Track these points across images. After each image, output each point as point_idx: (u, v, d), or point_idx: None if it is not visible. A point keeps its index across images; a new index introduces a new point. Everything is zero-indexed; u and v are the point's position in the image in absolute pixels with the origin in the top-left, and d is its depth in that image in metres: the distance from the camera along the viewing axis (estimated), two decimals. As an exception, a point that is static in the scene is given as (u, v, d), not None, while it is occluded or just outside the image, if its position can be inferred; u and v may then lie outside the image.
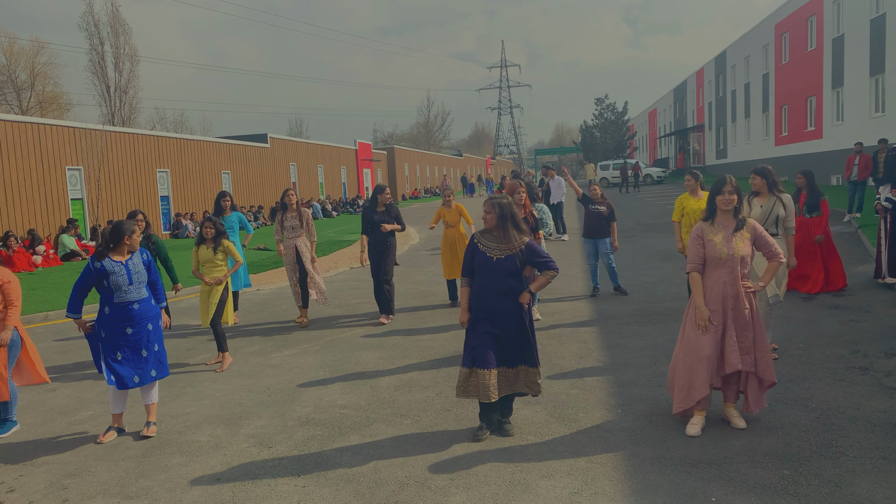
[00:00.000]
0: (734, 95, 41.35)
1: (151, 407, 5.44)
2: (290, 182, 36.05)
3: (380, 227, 8.85)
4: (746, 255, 4.74)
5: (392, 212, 9.02)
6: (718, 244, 4.75)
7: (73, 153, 20.99)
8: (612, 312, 8.70)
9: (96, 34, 46.17)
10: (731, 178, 4.82)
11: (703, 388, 4.70)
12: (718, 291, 4.75)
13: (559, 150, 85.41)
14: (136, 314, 5.28)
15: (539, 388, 4.94)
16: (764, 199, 6.30)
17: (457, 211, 9.55)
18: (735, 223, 4.80)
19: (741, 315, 4.73)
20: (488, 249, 4.84)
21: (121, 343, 5.24)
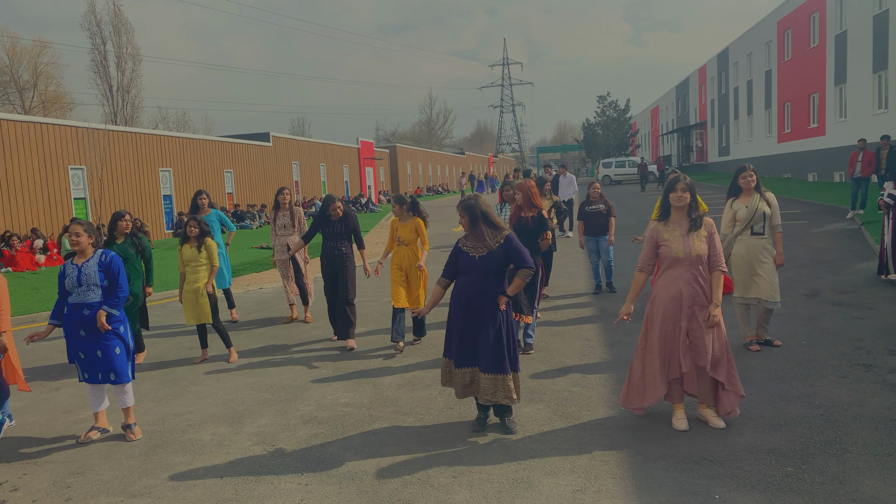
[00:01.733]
0: (737, 92, 41.26)
1: (126, 411, 5.36)
2: (293, 181, 36.07)
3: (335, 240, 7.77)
4: (703, 254, 4.71)
5: (349, 223, 7.86)
6: (673, 243, 4.73)
7: (76, 152, 21.02)
8: (615, 310, 8.68)
9: (98, 34, 46.28)
10: (685, 177, 4.83)
11: (660, 386, 4.72)
12: (674, 291, 4.73)
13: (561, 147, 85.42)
14: (86, 320, 5.21)
15: (514, 396, 4.84)
16: (748, 198, 6.31)
17: (413, 228, 7.41)
18: (689, 222, 4.77)
19: (699, 315, 4.71)
20: (470, 249, 4.94)
21: (77, 344, 5.25)
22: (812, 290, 8.97)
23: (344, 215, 7.87)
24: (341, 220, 7.84)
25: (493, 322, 4.85)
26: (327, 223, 7.83)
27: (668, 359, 4.75)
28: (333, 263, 7.76)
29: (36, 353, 8.33)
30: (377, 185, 49.23)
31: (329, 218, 7.85)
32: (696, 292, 4.72)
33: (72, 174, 20.89)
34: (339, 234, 7.79)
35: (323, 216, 7.85)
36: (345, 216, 7.86)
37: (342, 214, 7.87)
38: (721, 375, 4.72)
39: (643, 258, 4.86)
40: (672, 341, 4.74)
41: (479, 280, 4.86)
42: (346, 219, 7.84)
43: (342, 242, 7.80)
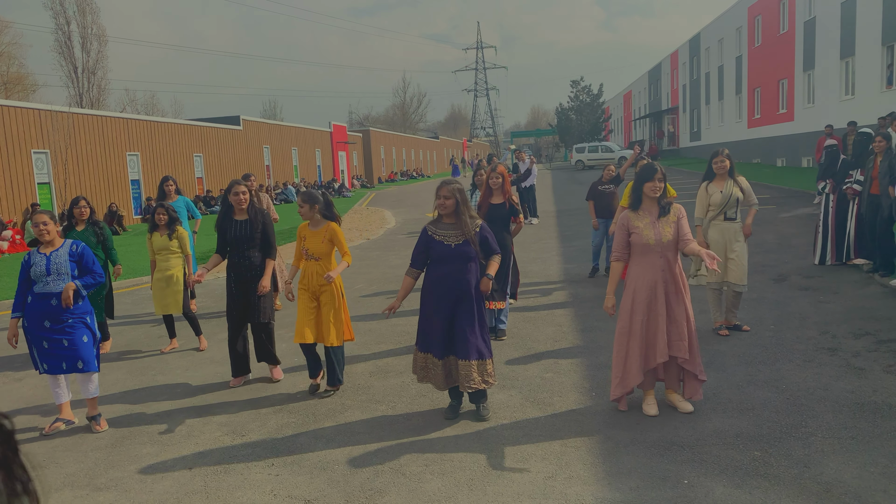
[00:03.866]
0: (708, 78, 41.61)
1: (91, 401, 5.24)
2: (264, 165, 35.62)
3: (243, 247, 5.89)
4: (674, 240, 4.75)
5: (256, 223, 5.94)
6: (644, 231, 4.75)
7: (39, 136, 20.49)
8: (587, 295, 8.73)
9: (62, 13, 44.99)
10: (660, 167, 4.85)
11: (637, 375, 4.77)
12: (648, 278, 4.76)
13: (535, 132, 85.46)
14: (54, 309, 5.07)
15: (492, 379, 4.88)
16: (722, 183, 6.38)
17: (327, 236, 5.57)
18: (658, 209, 4.80)
19: (672, 302, 4.75)
20: (444, 238, 4.84)
21: (38, 334, 5.09)
22: (780, 274, 9.12)
23: (252, 211, 5.97)
24: (248, 222, 5.92)
25: (474, 309, 4.83)
26: (229, 222, 5.95)
27: (647, 347, 4.77)
28: (244, 278, 5.87)
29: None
30: (350, 169, 48.86)
31: (231, 213, 5.98)
32: (669, 279, 4.74)
33: (35, 158, 20.37)
34: (246, 239, 5.87)
35: (226, 214, 5.98)
36: (253, 213, 5.97)
37: (248, 208, 5.97)
38: (694, 366, 4.75)
39: (616, 247, 4.87)
40: (649, 330, 4.75)
41: (457, 269, 4.81)
42: (254, 216, 5.96)
43: (253, 250, 5.92)
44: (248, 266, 5.90)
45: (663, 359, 4.71)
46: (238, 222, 5.92)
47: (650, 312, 4.74)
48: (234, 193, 5.90)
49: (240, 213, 5.95)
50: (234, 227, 5.92)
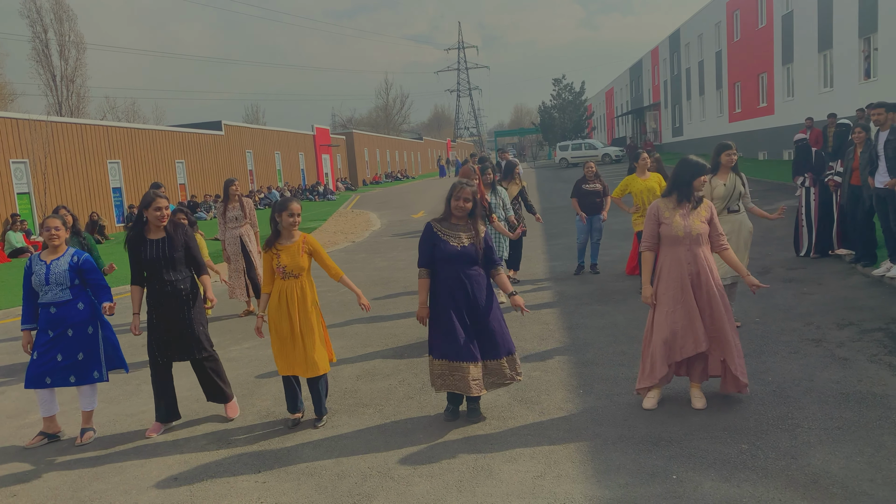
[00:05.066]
0: (689, 73, 41.87)
1: (85, 414, 5.19)
2: (247, 170, 35.41)
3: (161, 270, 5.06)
4: (703, 234, 4.76)
5: (177, 240, 5.11)
6: (675, 222, 4.76)
7: (18, 145, 20.24)
8: (573, 293, 8.74)
9: (39, 21, 44.52)
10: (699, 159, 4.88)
11: (662, 367, 4.75)
12: (677, 271, 4.76)
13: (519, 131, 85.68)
14: (53, 318, 5.01)
15: (518, 374, 4.90)
16: (725, 177, 6.38)
17: (305, 247, 4.98)
18: (693, 200, 4.81)
19: (702, 295, 4.75)
20: (452, 238, 4.76)
21: (40, 342, 5.04)
22: (764, 267, 9.17)
23: (167, 228, 5.12)
24: (167, 241, 5.09)
25: (490, 306, 4.80)
26: (142, 242, 5.07)
27: (674, 339, 4.74)
28: (167, 305, 5.07)
29: (-21, 356, 8.00)
30: (335, 172, 48.69)
31: (144, 232, 5.10)
32: (696, 273, 4.73)
33: (14, 168, 20.12)
34: (167, 260, 5.05)
35: (137, 234, 5.10)
36: (171, 228, 5.14)
37: (169, 224, 5.14)
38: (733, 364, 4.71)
39: (646, 236, 4.86)
40: (676, 322, 4.73)
41: (467, 268, 4.75)
42: (173, 232, 5.13)
43: (175, 272, 5.09)
44: (172, 293, 5.07)
45: (688, 353, 4.69)
46: (153, 241, 5.08)
47: (676, 305, 4.73)
48: (154, 208, 5.03)
49: (156, 232, 5.13)
50: (149, 247, 5.07)
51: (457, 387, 4.72)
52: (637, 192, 8.26)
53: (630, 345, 6.35)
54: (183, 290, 5.12)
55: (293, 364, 4.97)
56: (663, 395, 5.01)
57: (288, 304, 4.91)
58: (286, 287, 4.93)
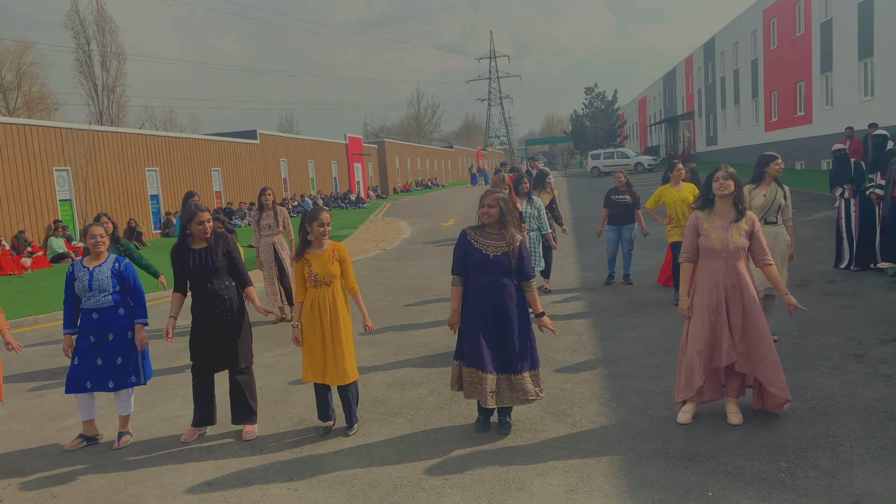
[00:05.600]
0: (723, 82, 41.33)
1: (123, 418, 5.28)
2: (281, 178, 35.86)
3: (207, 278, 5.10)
4: (742, 248, 4.67)
5: (218, 250, 5.14)
6: (712, 234, 4.69)
7: (61, 154, 20.78)
8: (605, 304, 8.65)
9: (82, 33, 45.72)
10: (727, 167, 4.77)
11: (698, 379, 4.68)
12: (712, 283, 4.69)
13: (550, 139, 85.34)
14: (94, 323, 5.13)
15: (541, 390, 4.84)
16: (766, 187, 6.26)
17: (335, 257, 5.01)
18: (734, 213, 4.73)
19: (732, 311, 4.67)
20: (484, 246, 4.71)
21: (80, 347, 5.16)
22: (802, 279, 8.98)
23: (212, 237, 5.16)
24: (208, 251, 5.13)
25: (521, 319, 4.74)
26: (185, 252, 5.16)
27: (710, 351, 4.67)
28: (210, 314, 5.12)
29: (21, 358, 8.21)
30: (366, 180, 49.05)
31: (188, 242, 5.19)
32: (731, 287, 4.65)
33: (56, 176, 20.66)
34: (209, 269, 5.12)
35: (181, 244, 5.20)
36: (213, 238, 5.16)
37: (211, 235, 5.16)
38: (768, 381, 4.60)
39: (685, 247, 4.81)
40: (711, 335, 4.67)
41: (498, 279, 4.68)
42: (214, 242, 5.15)
43: (219, 281, 5.15)
44: (218, 301, 5.10)
45: (726, 363, 4.61)
46: (196, 251, 5.14)
47: (711, 318, 4.66)
48: (197, 222, 5.08)
49: (199, 241, 5.18)
50: (193, 256, 5.14)
51: (479, 396, 4.69)
52: (670, 202, 8.16)
53: (664, 357, 6.26)
54: (226, 299, 5.15)
55: (323, 372, 4.99)
56: (698, 409, 4.93)
57: (320, 311, 4.96)
58: (318, 295, 4.98)
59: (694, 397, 4.79)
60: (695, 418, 4.81)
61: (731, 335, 4.65)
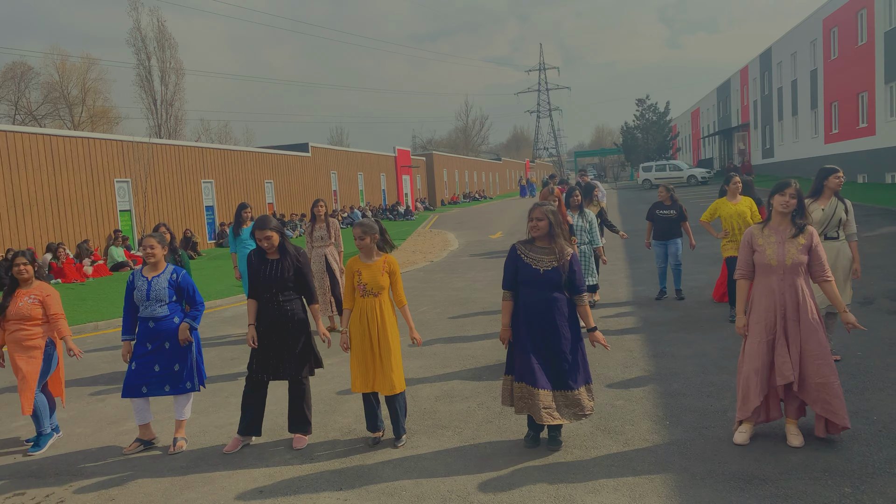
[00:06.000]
0: (780, 93, 40.28)
1: (179, 423, 5.41)
2: (332, 190, 36.41)
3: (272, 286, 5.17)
4: (800, 264, 4.52)
5: (287, 264, 5.20)
6: (768, 250, 4.56)
7: (122, 166, 21.56)
8: (658, 319, 8.48)
9: (143, 49, 47.58)
10: (796, 183, 4.63)
11: (754, 399, 4.54)
12: (770, 300, 4.55)
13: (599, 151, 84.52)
14: (151, 332, 5.29)
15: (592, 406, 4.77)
16: (825, 201, 6.06)
17: (385, 269, 5.08)
18: (792, 229, 4.59)
19: (796, 327, 4.51)
20: (534, 261, 4.67)
21: (138, 353, 5.31)
22: (866, 297, 8.64)
23: (282, 251, 5.22)
24: (277, 264, 5.21)
25: (571, 334, 4.67)
26: (261, 262, 5.24)
27: (767, 370, 4.54)
28: (276, 323, 5.18)
29: (82, 363, 8.50)
30: (414, 192, 49.41)
31: (264, 251, 5.26)
32: (790, 304, 4.51)
33: (118, 187, 21.42)
34: (276, 281, 5.18)
35: (259, 252, 5.28)
36: (283, 252, 5.22)
37: (279, 247, 5.22)
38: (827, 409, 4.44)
39: (740, 263, 4.71)
40: (769, 353, 4.54)
41: (549, 293, 4.63)
42: (285, 256, 5.22)
43: (285, 293, 5.23)
44: (281, 314, 5.18)
45: (784, 381, 4.47)
46: (269, 262, 5.23)
47: (768, 336, 4.53)
48: (263, 237, 5.14)
49: (273, 253, 5.25)
50: (265, 267, 5.22)
51: (531, 412, 4.64)
52: (726, 216, 7.97)
53: (720, 375, 6.09)
54: (289, 311, 5.19)
55: (372, 381, 5.03)
56: (756, 430, 4.78)
57: (368, 321, 5.02)
58: (366, 305, 5.03)
59: (751, 417, 4.64)
60: (752, 439, 4.66)
61: (789, 354, 4.50)
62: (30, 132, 18.67)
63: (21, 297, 5.51)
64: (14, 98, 47.20)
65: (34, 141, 18.39)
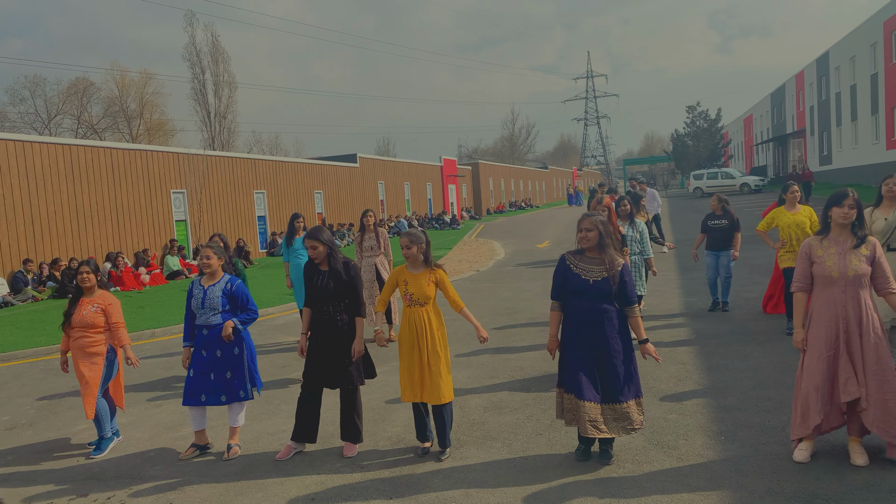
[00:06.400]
0: (839, 98, 39.05)
1: (232, 430, 5.53)
2: (379, 200, 36.79)
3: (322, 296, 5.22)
4: (863, 275, 4.36)
5: (337, 275, 5.21)
6: (828, 262, 4.41)
7: (178, 177, 22.22)
8: (712, 331, 8.29)
9: (198, 63, 48.99)
10: (853, 192, 4.48)
11: (815, 416, 4.39)
12: (830, 314, 4.40)
13: (649, 159, 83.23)
14: (205, 339, 5.43)
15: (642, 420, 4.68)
16: (889, 210, 5.83)
17: (433, 279, 5.08)
18: (853, 240, 4.44)
19: (853, 344, 4.35)
20: (583, 272, 4.62)
21: (195, 361, 5.46)
22: None
23: (329, 263, 5.26)
24: (330, 270, 5.25)
25: (622, 346, 4.60)
26: (315, 272, 5.31)
27: (829, 387, 4.40)
28: (324, 333, 5.25)
29: (140, 370, 8.76)
30: (460, 201, 49.51)
31: (315, 263, 5.32)
32: (853, 318, 4.36)
33: (173, 197, 22.07)
34: (325, 292, 5.23)
35: (312, 263, 5.35)
36: (330, 264, 5.25)
37: (325, 258, 5.25)
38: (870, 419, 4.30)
39: (798, 276, 4.58)
40: (830, 369, 4.40)
41: (598, 304, 4.56)
42: (334, 268, 5.24)
43: (335, 304, 5.27)
44: (332, 327, 5.23)
45: (849, 398, 4.32)
46: (322, 272, 5.28)
47: (829, 351, 4.39)
48: (310, 247, 5.24)
49: (324, 264, 5.31)
50: (319, 277, 5.27)
51: (577, 424, 4.59)
52: (784, 226, 7.74)
53: (777, 390, 5.92)
54: (339, 321, 5.24)
55: (420, 391, 5.02)
56: (817, 447, 4.62)
57: (417, 331, 5.03)
58: (414, 315, 5.04)
59: (811, 435, 4.49)
60: (813, 457, 4.50)
61: (852, 370, 4.34)
62: (91, 145, 19.42)
63: (85, 306, 5.72)
64: (77, 112, 49.21)
65: (95, 154, 19.13)
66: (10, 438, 6.32)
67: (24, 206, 16.88)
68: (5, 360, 10.04)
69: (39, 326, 12.15)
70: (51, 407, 7.30)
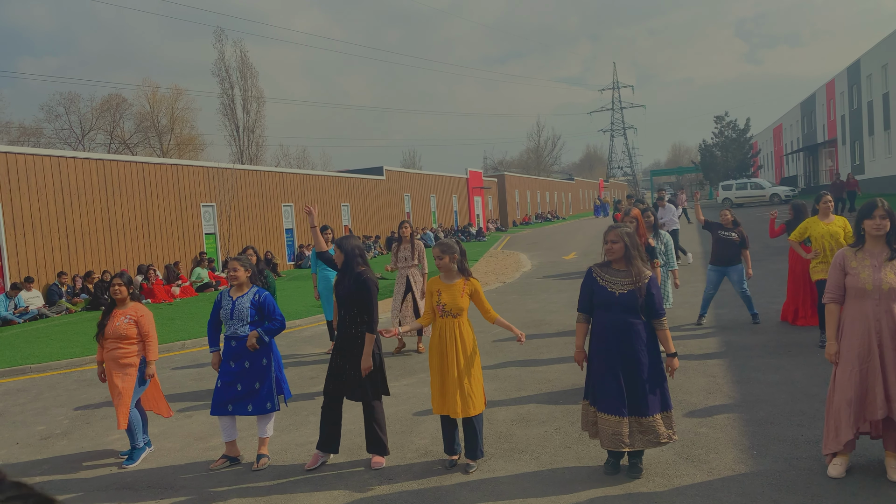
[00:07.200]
0: (871, 107, 38.37)
1: (262, 441, 5.57)
2: (405, 212, 36.96)
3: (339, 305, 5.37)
4: None
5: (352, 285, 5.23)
6: (863, 274, 4.34)
7: (207, 191, 22.57)
8: (742, 344, 8.17)
9: (227, 79, 49.87)
10: (883, 202, 4.40)
11: (846, 432, 4.30)
12: (864, 327, 4.32)
13: (677, 170, 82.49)
14: (233, 351, 5.50)
15: (674, 433, 4.63)
16: None
17: (467, 290, 5.09)
18: (888, 251, 4.36)
19: (888, 358, 4.26)
20: (609, 284, 4.60)
21: (223, 371, 5.52)
22: None
23: (348, 273, 5.28)
24: (346, 276, 5.30)
25: (649, 358, 4.55)
26: (338, 280, 5.43)
27: (861, 401, 4.32)
28: (343, 342, 5.30)
29: (170, 380, 8.89)
30: (486, 213, 49.53)
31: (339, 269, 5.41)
32: (889, 329, 4.27)
33: (203, 211, 22.42)
34: (339, 297, 5.32)
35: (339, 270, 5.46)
36: (349, 275, 5.27)
37: (342, 266, 5.33)
38: None
39: (830, 287, 4.51)
40: (863, 383, 4.32)
41: (625, 317, 4.53)
42: (348, 275, 5.29)
43: (350, 315, 5.30)
44: (344, 330, 5.29)
45: (873, 417, 4.25)
46: (342, 277, 5.34)
47: (862, 365, 4.31)
48: (335, 252, 5.45)
49: (343, 270, 5.36)
50: (338, 286, 5.37)
51: (600, 436, 4.56)
52: (817, 236, 7.61)
53: (810, 404, 5.81)
54: (353, 333, 5.28)
55: (450, 403, 4.98)
56: (852, 462, 4.52)
57: (447, 342, 5.02)
58: (445, 326, 5.04)
59: (845, 449, 4.40)
60: (849, 472, 4.41)
61: (885, 385, 4.25)
62: (123, 160, 19.84)
63: (118, 318, 5.84)
64: (109, 128, 50.32)
65: (127, 168, 19.53)
66: (45, 448, 6.45)
67: (58, 220, 17.28)
68: (41, 370, 10.26)
69: (73, 338, 12.40)
70: (84, 417, 7.44)
